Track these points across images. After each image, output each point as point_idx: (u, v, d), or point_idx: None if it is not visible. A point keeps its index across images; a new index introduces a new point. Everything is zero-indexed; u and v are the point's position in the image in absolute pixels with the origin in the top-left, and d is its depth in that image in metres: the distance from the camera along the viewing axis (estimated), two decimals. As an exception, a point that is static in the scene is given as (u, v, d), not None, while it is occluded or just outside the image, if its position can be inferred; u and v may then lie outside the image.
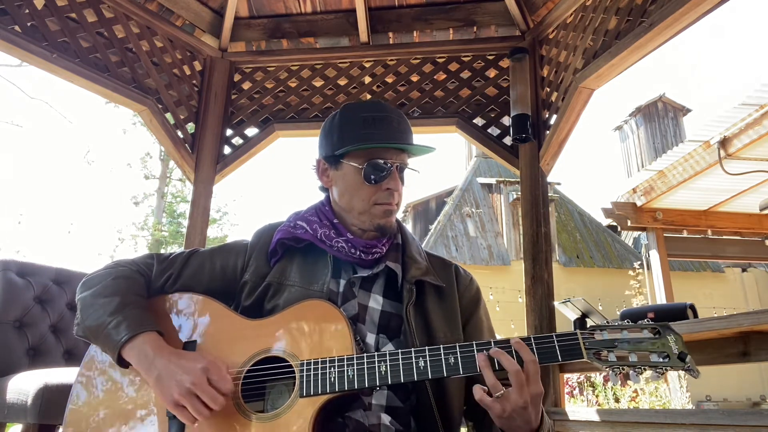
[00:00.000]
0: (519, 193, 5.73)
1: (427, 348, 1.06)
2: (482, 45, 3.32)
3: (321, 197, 1.39)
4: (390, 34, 3.44)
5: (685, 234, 6.49)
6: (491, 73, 3.31)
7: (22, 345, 2.01)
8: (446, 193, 15.44)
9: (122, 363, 1.14)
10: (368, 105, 1.30)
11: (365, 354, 1.08)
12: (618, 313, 2.60)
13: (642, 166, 12.89)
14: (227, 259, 1.33)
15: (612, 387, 6.77)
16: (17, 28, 2.54)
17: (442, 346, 1.06)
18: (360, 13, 3.30)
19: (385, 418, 1.15)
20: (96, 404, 1.19)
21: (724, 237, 6.79)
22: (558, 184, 14.78)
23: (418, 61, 3.37)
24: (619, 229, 11.35)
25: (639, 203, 6.21)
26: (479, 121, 3.26)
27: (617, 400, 6.78)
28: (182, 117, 3.28)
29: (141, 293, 1.24)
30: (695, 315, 2.29)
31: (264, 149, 3.43)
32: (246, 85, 3.50)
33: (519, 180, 3.09)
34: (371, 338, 1.22)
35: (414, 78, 3.37)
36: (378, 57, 3.41)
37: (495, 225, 13.46)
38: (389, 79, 3.40)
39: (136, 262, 1.31)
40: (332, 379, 1.06)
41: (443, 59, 3.35)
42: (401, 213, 1.34)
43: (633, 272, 9.44)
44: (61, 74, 2.72)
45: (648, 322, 1.02)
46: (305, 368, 1.09)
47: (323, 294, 1.23)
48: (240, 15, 3.48)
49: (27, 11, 2.59)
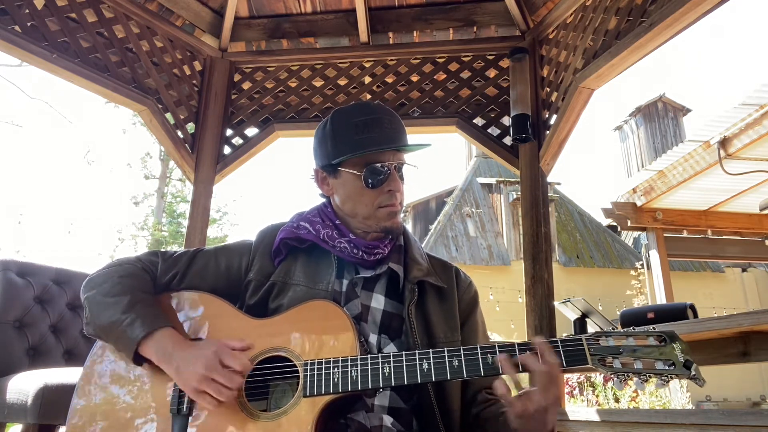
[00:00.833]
0: (519, 193, 5.73)
1: (431, 350, 1.06)
2: (482, 45, 3.32)
3: (322, 199, 1.39)
4: (390, 34, 3.44)
5: (685, 234, 6.49)
6: (491, 73, 3.31)
7: (22, 345, 2.00)
8: (446, 193, 15.45)
9: (137, 359, 1.16)
10: (358, 109, 1.27)
11: (369, 355, 1.08)
12: (618, 313, 2.60)
13: (642, 166, 12.89)
14: (232, 259, 1.33)
15: (612, 387, 6.76)
16: (17, 28, 2.54)
17: (446, 349, 1.06)
18: (360, 13, 3.30)
19: (387, 420, 1.16)
20: (101, 401, 1.19)
21: (724, 237, 6.79)
22: (558, 184, 14.79)
23: (418, 61, 3.37)
24: (619, 229, 11.35)
25: (639, 203, 6.21)
26: (479, 121, 3.26)
27: (617, 400, 6.78)
28: (182, 117, 3.28)
29: (148, 291, 1.25)
30: (695, 315, 2.29)
31: (264, 149, 3.43)
32: (246, 85, 3.50)
33: (519, 180, 3.09)
34: (373, 338, 1.23)
35: (414, 78, 3.37)
36: (378, 57, 3.41)
37: (495, 225, 13.47)
38: (389, 79, 3.40)
39: (141, 260, 1.31)
40: (336, 380, 1.06)
41: (443, 59, 3.35)
42: (401, 213, 1.34)
43: (635, 272, 9.44)
44: (61, 74, 2.72)
45: (654, 330, 1.02)
46: (309, 368, 1.09)
47: (328, 293, 1.24)
48: (240, 15, 3.48)
49: (27, 11, 2.59)
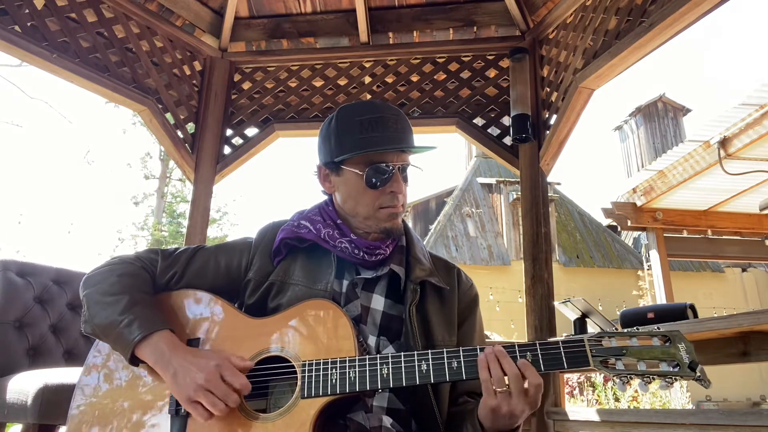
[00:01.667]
0: (519, 193, 5.73)
1: (430, 351, 1.06)
2: (482, 45, 3.32)
3: (323, 197, 1.38)
4: (390, 34, 3.44)
5: (685, 234, 6.48)
6: (491, 73, 3.31)
7: (22, 345, 2.00)
8: (446, 193, 15.44)
9: (134, 361, 1.15)
10: (364, 107, 1.25)
11: (368, 356, 1.08)
12: (618, 314, 2.59)
13: (642, 166, 12.89)
14: (231, 258, 1.33)
15: (612, 387, 6.77)
16: (17, 28, 2.54)
17: (446, 350, 1.05)
18: (360, 13, 3.30)
19: (387, 420, 1.15)
20: (100, 401, 1.19)
21: (724, 237, 6.79)
22: (558, 184, 14.78)
23: (418, 61, 3.37)
24: (619, 229, 11.35)
25: (639, 203, 6.21)
26: (479, 121, 3.25)
27: (617, 400, 6.78)
28: (182, 117, 3.28)
29: (147, 290, 1.24)
30: (695, 315, 2.29)
31: (264, 149, 3.43)
32: (246, 85, 3.50)
33: (519, 180, 3.09)
34: (372, 340, 1.22)
35: (414, 78, 3.36)
36: (378, 57, 3.41)
37: (495, 225, 13.46)
38: (389, 79, 3.40)
39: (140, 258, 1.30)
40: (334, 381, 1.06)
41: (443, 59, 3.35)
42: (404, 212, 1.33)
43: (642, 273, 9.44)
44: (61, 74, 2.72)
45: (658, 330, 0.99)
46: (307, 369, 1.09)
47: (327, 293, 1.23)
48: (240, 15, 3.48)
49: (27, 11, 2.59)
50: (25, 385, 1.73)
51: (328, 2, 3.42)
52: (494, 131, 3.25)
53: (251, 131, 3.44)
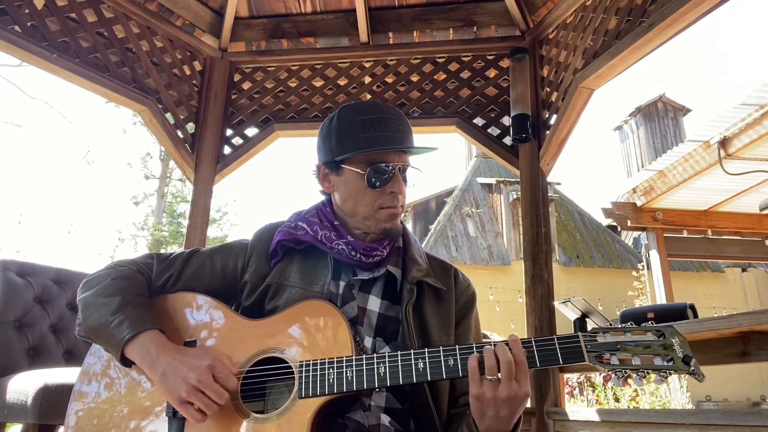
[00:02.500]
0: (519, 193, 5.73)
1: (426, 350, 1.06)
2: (482, 45, 3.32)
3: (322, 197, 1.38)
4: (390, 34, 3.44)
5: (685, 234, 6.49)
6: (491, 73, 3.31)
7: (22, 345, 2.01)
8: (446, 193, 15.44)
9: (125, 362, 1.14)
10: (366, 107, 1.25)
11: (364, 355, 1.08)
12: (618, 314, 2.60)
13: (642, 166, 12.89)
14: (227, 260, 1.32)
15: (612, 387, 6.77)
16: (17, 28, 2.54)
17: (442, 348, 1.05)
18: (360, 13, 3.30)
19: (385, 419, 1.16)
20: (98, 403, 1.19)
21: (724, 237, 6.79)
22: (558, 184, 14.79)
23: (418, 61, 3.37)
24: (619, 229, 11.35)
25: (639, 203, 6.22)
26: (479, 121, 3.25)
27: (617, 400, 6.78)
28: (182, 117, 3.28)
29: (142, 293, 1.24)
30: (695, 315, 2.29)
31: (264, 149, 3.43)
32: (246, 85, 3.50)
33: (519, 180, 3.09)
34: (368, 341, 1.22)
35: (414, 78, 3.36)
36: (378, 57, 3.41)
37: (495, 225, 13.46)
38: (389, 79, 3.40)
39: (137, 262, 1.31)
40: (331, 381, 1.06)
41: (443, 59, 3.35)
42: (403, 213, 1.33)
43: (636, 273, 9.44)
44: (61, 74, 2.72)
45: (652, 325, 1.01)
46: (304, 369, 1.09)
47: (323, 295, 1.23)
48: (240, 15, 3.48)
49: (27, 11, 2.59)
50: (25, 385, 1.73)
51: (328, 2, 3.42)
52: (494, 131, 3.25)
53: (251, 131, 3.44)
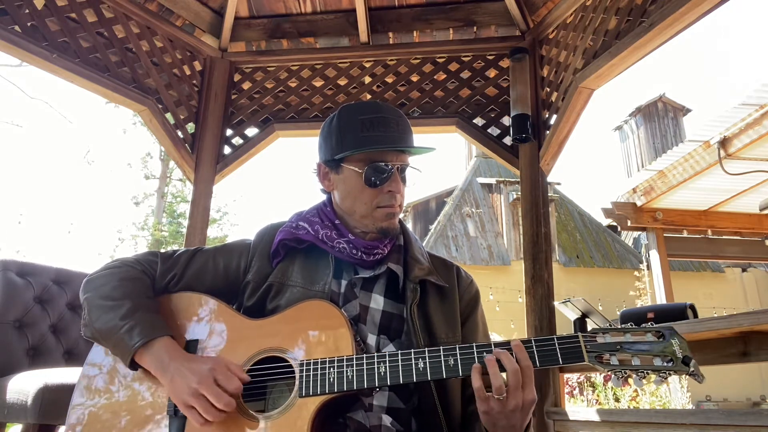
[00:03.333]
0: (519, 193, 5.73)
1: (427, 349, 1.06)
2: (482, 45, 3.32)
3: (322, 197, 1.39)
4: (390, 34, 3.44)
5: (685, 234, 6.49)
6: (491, 73, 3.31)
7: (22, 345, 2.01)
8: (446, 193, 15.44)
9: (132, 366, 1.16)
10: (366, 107, 1.27)
11: (365, 355, 1.08)
12: (618, 314, 2.59)
13: (642, 166, 12.90)
14: (230, 260, 1.33)
15: (612, 387, 6.77)
16: (17, 28, 2.54)
17: (442, 348, 1.05)
18: (360, 13, 3.30)
19: (386, 419, 1.16)
20: (99, 402, 1.19)
21: (724, 237, 6.79)
22: (558, 184, 14.79)
23: (418, 61, 3.37)
24: (619, 229, 11.35)
25: (639, 203, 6.21)
26: (479, 121, 3.25)
27: (617, 400, 6.78)
28: (182, 117, 3.28)
29: (148, 294, 1.24)
30: (695, 315, 2.29)
31: (264, 149, 3.43)
32: (246, 85, 3.50)
33: (519, 180, 3.09)
34: (372, 339, 1.22)
35: (414, 78, 3.36)
36: (378, 57, 3.41)
37: (495, 225, 13.46)
38: (389, 79, 3.40)
39: (140, 261, 1.31)
40: (331, 380, 1.06)
41: (443, 59, 3.35)
42: (401, 213, 1.33)
43: (638, 273, 9.45)
44: (61, 74, 2.72)
45: (652, 326, 1.01)
46: (305, 368, 1.09)
47: (325, 294, 1.23)
48: (240, 15, 3.48)
49: (27, 11, 2.59)
50: (25, 385, 1.73)
51: (328, 2, 3.42)
52: (494, 131, 3.25)
53: (251, 131, 3.44)
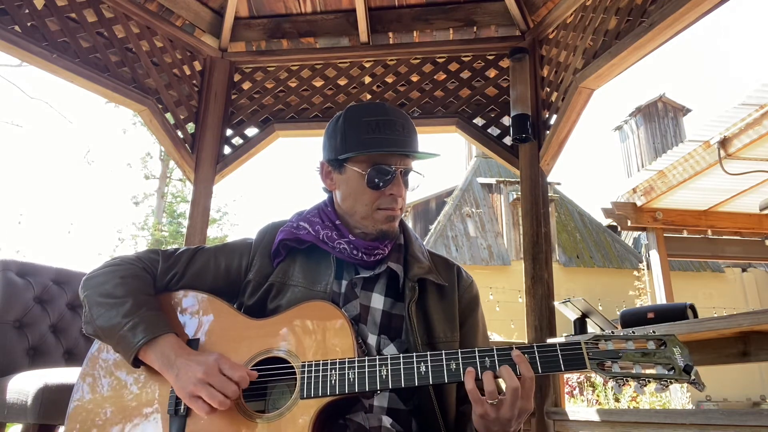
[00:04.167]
0: (519, 193, 5.73)
1: (429, 353, 1.06)
2: (482, 45, 3.32)
3: (323, 197, 1.39)
4: (390, 34, 3.44)
5: (685, 234, 6.49)
6: (491, 73, 3.31)
7: (22, 345, 2.01)
8: (446, 193, 15.44)
9: (135, 363, 1.15)
10: (373, 108, 1.26)
11: (367, 357, 1.08)
12: (618, 314, 2.59)
13: (642, 166, 12.90)
14: (231, 259, 1.33)
15: (612, 387, 6.77)
16: (17, 28, 2.54)
17: (444, 352, 1.05)
18: (360, 13, 3.30)
19: (386, 421, 1.15)
20: (99, 401, 1.19)
21: (724, 237, 6.79)
22: (558, 184, 14.78)
23: (418, 61, 3.37)
24: (619, 229, 11.35)
25: (639, 203, 6.21)
26: (479, 121, 3.25)
27: (617, 400, 6.78)
28: (182, 117, 3.28)
29: (150, 292, 1.24)
30: (695, 315, 2.29)
31: (264, 149, 3.43)
32: (246, 85, 3.50)
33: (519, 180, 3.09)
34: (372, 339, 1.22)
35: (414, 78, 3.36)
36: (378, 57, 3.41)
37: (495, 225, 13.46)
38: (389, 79, 3.40)
39: (141, 259, 1.30)
40: (333, 382, 1.06)
41: (443, 59, 3.35)
42: (402, 215, 1.33)
43: (638, 273, 9.44)
44: (61, 74, 2.72)
45: (653, 333, 1.01)
46: (306, 370, 1.09)
47: (326, 294, 1.23)
48: (240, 15, 3.48)
49: (27, 11, 2.59)
50: (25, 385, 1.73)
51: (328, 2, 3.42)
52: (494, 131, 3.25)
53: (251, 131, 3.44)
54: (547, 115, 3.03)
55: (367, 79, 3.44)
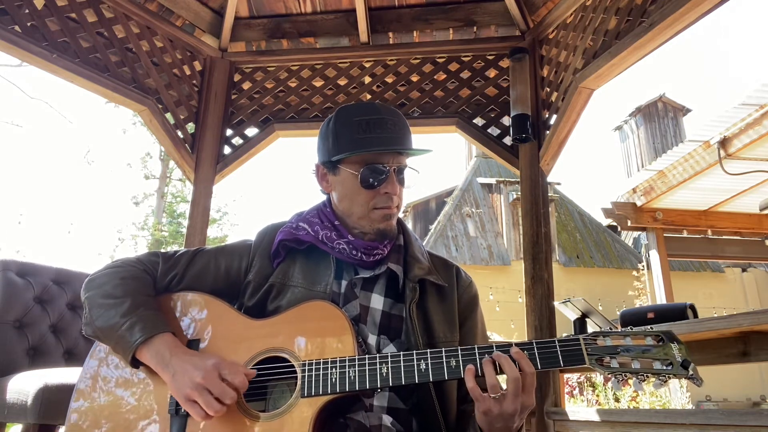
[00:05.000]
0: (519, 193, 5.73)
1: (429, 351, 1.06)
2: (482, 45, 3.32)
3: (322, 198, 1.39)
4: (390, 34, 3.44)
5: (685, 234, 6.49)
6: (491, 73, 3.31)
7: (22, 345, 2.01)
8: (446, 193, 15.45)
9: (134, 363, 1.15)
10: (363, 108, 1.26)
11: (367, 355, 1.08)
12: (618, 313, 2.60)
13: (642, 166, 12.90)
14: (231, 261, 1.33)
15: (612, 387, 6.77)
16: (17, 28, 2.54)
17: (444, 349, 1.06)
18: (360, 13, 3.30)
19: (387, 419, 1.16)
20: (100, 401, 1.19)
21: (724, 237, 6.79)
22: (558, 184, 14.79)
23: (418, 61, 3.37)
24: (619, 229, 11.35)
25: (639, 203, 6.22)
26: (479, 121, 3.25)
27: (617, 400, 6.78)
28: (182, 117, 3.28)
29: (150, 293, 1.24)
30: (695, 315, 2.29)
31: (264, 149, 3.43)
32: (246, 85, 3.50)
33: (519, 180, 3.09)
34: (372, 339, 1.22)
35: (414, 78, 3.36)
36: (378, 57, 3.41)
37: (495, 225, 13.47)
38: (389, 79, 3.40)
39: (142, 261, 1.31)
40: (333, 380, 1.06)
41: (443, 59, 3.35)
42: (401, 213, 1.33)
43: (637, 273, 9.44)
44: (61, 74, 2.71)
45: (652, 329, 1.02)
46: (307, 369, 1.09)
47: (326, 295, 1.24)
48: (240, 15, 3.48)
49: (27, 11, 2.59)
50: (25, 385, 1.73)
51: (328, 2, 3.42)
52: (494, 131, 3.25)
53: (251, 131, 3.44)
54: (547, 115, 3.03)
55: (367, 79, 3.44)
